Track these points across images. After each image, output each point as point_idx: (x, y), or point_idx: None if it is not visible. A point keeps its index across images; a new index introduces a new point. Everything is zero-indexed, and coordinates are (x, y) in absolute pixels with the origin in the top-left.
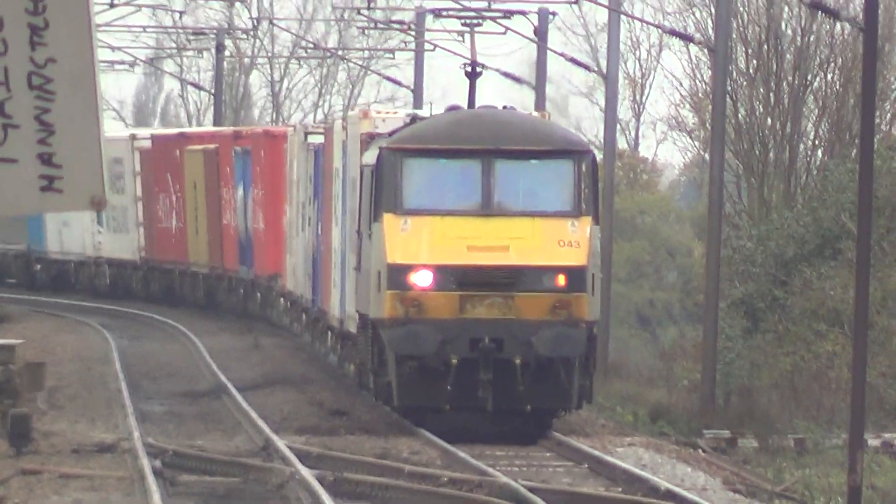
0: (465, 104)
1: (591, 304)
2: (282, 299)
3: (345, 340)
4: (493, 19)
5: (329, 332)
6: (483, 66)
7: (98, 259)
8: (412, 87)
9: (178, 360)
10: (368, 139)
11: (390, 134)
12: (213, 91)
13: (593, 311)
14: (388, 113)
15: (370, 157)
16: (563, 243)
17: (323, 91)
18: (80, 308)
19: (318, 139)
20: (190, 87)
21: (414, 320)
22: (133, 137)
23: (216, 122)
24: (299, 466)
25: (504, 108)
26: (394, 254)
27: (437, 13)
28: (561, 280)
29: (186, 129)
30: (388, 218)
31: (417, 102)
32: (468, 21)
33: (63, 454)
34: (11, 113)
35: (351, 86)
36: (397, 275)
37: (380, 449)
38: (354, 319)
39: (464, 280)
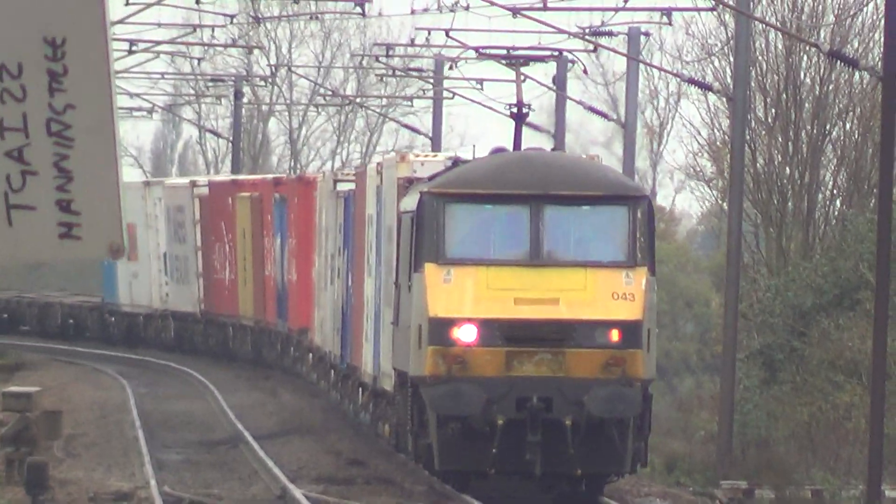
0: (498, 148)
1: (647, 361)
2: (310, 354)
3: (379, 399)
4: (541, 59)
5: (361, 390)
6: (529, 106)
7: (164, 312)
8: (430, 134)
9: (195, 408)
10: (406, 184)
11: (431, 178)
12: (231, 138)
13: (649, 368)
14: (426, 156)
15: (409, 202)
16: (617, 296)
17: (341, 138)
18: (96, 356)
19: (347, 186)
20: (208, 134)
21: (457, 378)
22: (193, 184)
23: (234, 170)
24: None
25: (553, 150)
26: (435, 307)
27: (481, 54)
28: (615, 335)
29: (239, 177)
30: (429, 268)
31: (435, 149)
32: (513, 63)
33: (80, 503)
34: (30, 160)
35: (369, 133)
36: (439, 329)
37: (396, 499)
38: (390, 377)
39: (511, 335)
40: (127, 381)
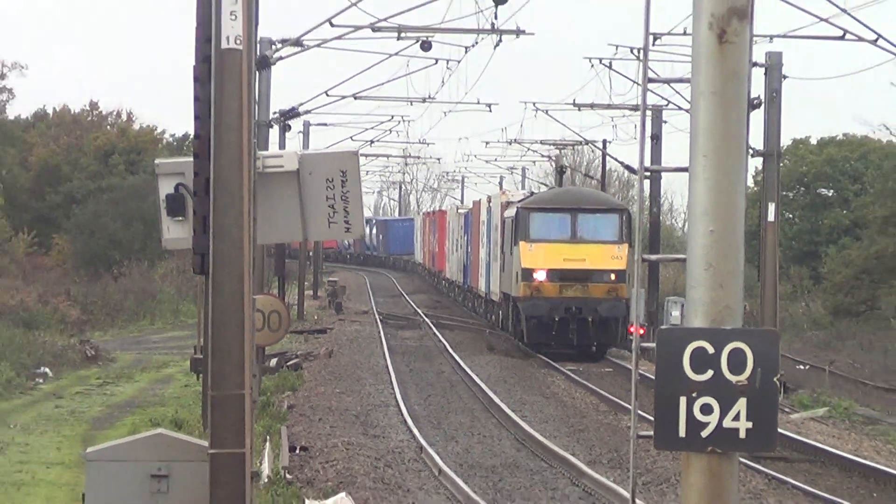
0: (552, 187)
1: (628, 289)
2: (444, 281)
3: (489, 304)
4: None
5: (476, 299)
6: (566, 167)
7: (413, 261)
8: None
9: (389, 285)
10: (506, 204)
11: (519, 201)
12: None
13: (629, 293)
14: (514, 193)
15: (510, 213)
16: (613, 257)
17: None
18: (360, 269)
19: (463, 211)
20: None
21: (535, 297)
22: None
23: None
24: (426, 318)
25: (581, 186)
26: (525, 262)
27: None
28: (612, 276)
29: (432, 210)
30: (522, 244)
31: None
32: (556, 146)
33: (352, 314)
34: (335, 208)
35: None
36: (527, 273)
37: (452, 312)
38: (496, 294)
39: (562, 276)
40: (366, 275)
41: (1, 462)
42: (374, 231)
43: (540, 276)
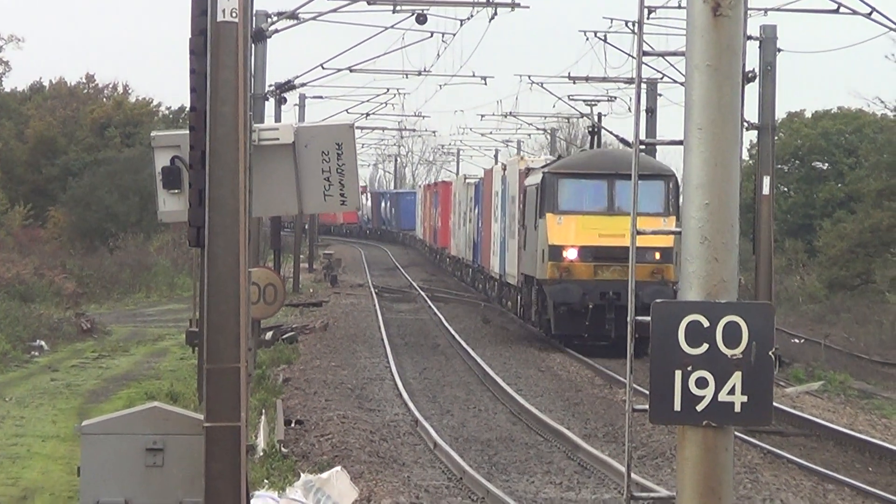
0: (584, 148)
1: (676, 271)
2: (447, 259)
3: (503, 287)
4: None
5: (488, 281)
6: (601, 126)
7: (416, 236)
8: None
9: (385, 259)
10: (526, 171)
11: (543, 166)
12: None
13: (676, 275)
14: (532, 158)
15: (533, 179)
16: None
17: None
18: (355, 242)
19: (472, 181)
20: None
21: (565, 280)
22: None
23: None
24: (421, 291)
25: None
26: (553, 238)
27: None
28: (657, 255)
29: (435, 182)
30: (549, 216)
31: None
32: (589, 103)
33: (347, 287)
34: (331, 181)
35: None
36: (555, 251)
37: (447, 285)
38: (514, 276)
39: (596, 255)
40: (361, 248)
41: None
42: (388, 205)
43: (571, 254)
